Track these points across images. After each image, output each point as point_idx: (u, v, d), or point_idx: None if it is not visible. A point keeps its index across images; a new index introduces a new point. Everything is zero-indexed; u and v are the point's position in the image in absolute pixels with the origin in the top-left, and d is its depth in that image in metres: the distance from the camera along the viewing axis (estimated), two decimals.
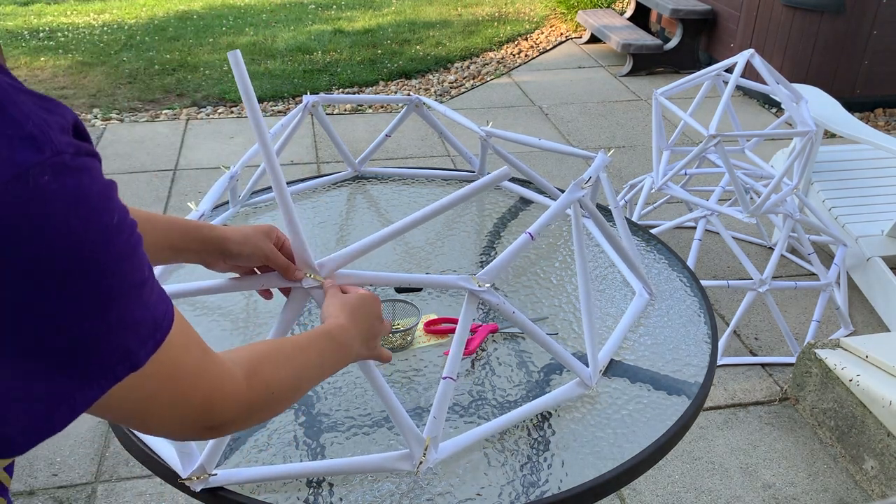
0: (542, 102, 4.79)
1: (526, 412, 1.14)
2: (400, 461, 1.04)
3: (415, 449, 1.03)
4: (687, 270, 1.50)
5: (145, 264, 0.59)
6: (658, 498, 2.09)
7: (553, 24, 6.40)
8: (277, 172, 0.92)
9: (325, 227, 1.64)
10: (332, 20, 6.49)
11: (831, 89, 4.46)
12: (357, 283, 0.98)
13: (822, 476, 2.17)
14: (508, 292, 1.44)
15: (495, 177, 0.97)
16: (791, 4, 4.53)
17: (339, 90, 4.99)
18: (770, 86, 2.57)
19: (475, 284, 1.03)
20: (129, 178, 3.79)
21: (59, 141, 0.51)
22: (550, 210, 1.13)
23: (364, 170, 1.86)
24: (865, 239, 2.90)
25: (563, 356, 1.15)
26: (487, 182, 0.98)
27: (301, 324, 1.35)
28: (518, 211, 1.71)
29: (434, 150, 4.09)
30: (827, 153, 3.29)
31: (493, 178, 0.97)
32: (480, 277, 1.04)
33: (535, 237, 1.09)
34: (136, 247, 0.57)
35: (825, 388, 2.29)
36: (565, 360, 1.16)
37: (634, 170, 3.93)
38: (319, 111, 1.71)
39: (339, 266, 0.96)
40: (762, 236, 3.25)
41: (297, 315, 0.98)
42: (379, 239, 0.97)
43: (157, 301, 0.60)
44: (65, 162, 0.51)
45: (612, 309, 1.39)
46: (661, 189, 2.76)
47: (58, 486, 2.09)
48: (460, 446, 1.08)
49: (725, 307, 2.88)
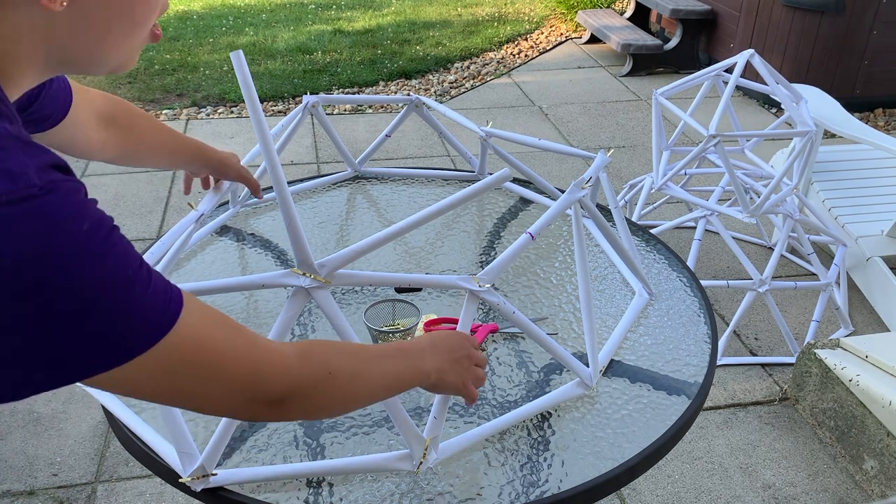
0: (542, 102, 4.80)
1: (526, 412, 1.14)
2: (400, 461, 1.04)
3: (415, 449, 1.03)
4: (687, 270, 1.50)
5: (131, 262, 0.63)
6: (658, 498, 2.09)
7: (553, 24, 6.40)
8: (279, 173, 0.92)
9: (325, 227, 1.64)
10: (332, 20, 6.49)
11: (831, 89, 4.46)
12: (357, 284, 0.98)
13: (822, 476, 2.17)
14: (508, 292, 1.44)
15: (496, 178, 0.97)
16: (791, 4, 4.53)
17: (339, 90, 4.99)
18: (770, 86, 2.57)
19: (475, 284, 1.03)
20: (129, 178, 3.79)
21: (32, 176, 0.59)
22: (551, 210, 1.13)
23: (364, 170, 1.86)
24: (865, 239, 2.90)
25: (563, 356, 1.15)
26: (488, 184, 0.99)
27: (301, 323, 1.35)
28: (518, 211, 1.71)
29: (434, 151, 4.09)
30: (827, 153, 3.29)
31: (493, 180, 0.98)
32: (481, 278, 1.04)
33: (536, 237, 1.09)
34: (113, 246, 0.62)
35: (825, 388, 2.30)
36: (565, 360, 1.16)
37: (634, 170, 3.93)
38: (319, 111, 1.71)
39: (339, 266, 0.96)
40: (762, 236, 3.25)
41: (298, 314, 0.98)
42: (379, 240, 0.97)
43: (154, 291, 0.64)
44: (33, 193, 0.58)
45: (611, 309, 1.39)
46: (661, 189, 2.76)
47: (58, 486, 2.10)
48: (460, 446, 1.08)
49: (725, 307, 2.88)
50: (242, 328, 0.73)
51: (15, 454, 2.20)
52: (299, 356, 0.76)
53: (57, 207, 0.59)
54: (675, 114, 2.61)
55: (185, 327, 0.66)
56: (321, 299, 0.96)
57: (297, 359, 0.76)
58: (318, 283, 0.95)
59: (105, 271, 0.60)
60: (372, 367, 0.84)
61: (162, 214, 3.44)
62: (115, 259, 0.62)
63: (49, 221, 0.58)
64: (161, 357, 0.65)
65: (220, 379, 0.69)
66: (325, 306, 0.97)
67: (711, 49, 5.35)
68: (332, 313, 0.97)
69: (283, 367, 0.74)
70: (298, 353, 0.76)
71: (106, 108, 1.19)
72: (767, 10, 4.74)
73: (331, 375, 0.78)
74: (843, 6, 4.37)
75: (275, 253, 1.55)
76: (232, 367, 0.70)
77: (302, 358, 0.76)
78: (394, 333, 1.26)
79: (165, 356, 0.65)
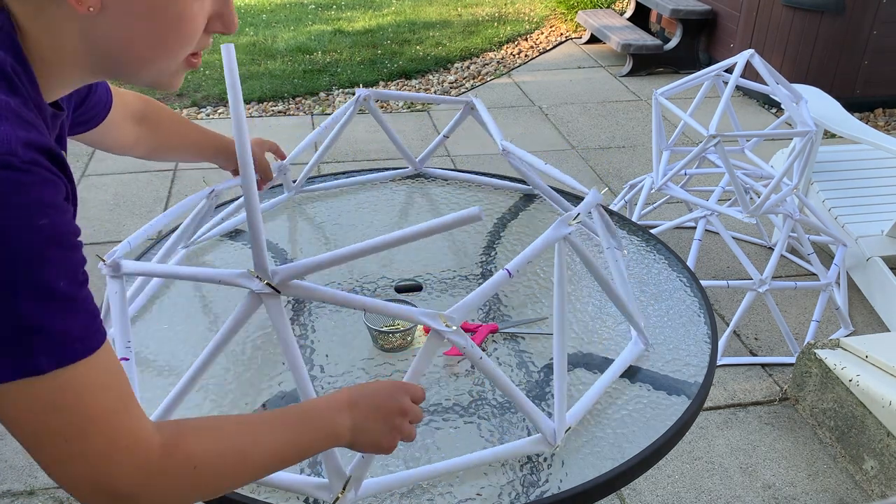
0: (541, 102, 4.80)
1: (473, 460, 1.06)
2: (318, 489, 1.00)
3: (334, 483, 0.98)
4: (687, 270, 1.50)
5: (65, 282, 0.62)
6: (658, 498, 2.09)
7: (553, 24, 6.40)
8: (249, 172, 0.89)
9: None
10: (332, 20, 6.49)
11: (831, 89, 4.45)
12: (309, 297, 0.93)
13: (822, 476, 2.17)
14: (509, 292, 1.44)
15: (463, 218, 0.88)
16: (791, 4, 4.53)
17: (339, 90, 4.99)
18: (770, 86, 2.57)
19: (442, 324, 0.94)
20: (130, 178, 3.79)
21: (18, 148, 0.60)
22: (532, 247, 1.05)
23: (425, 169, 1.87)
24: (865, 239, 2.90)
25: (529, 410, 1.06)
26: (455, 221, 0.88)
27: (300, 323, 1.35)
28: (518, 211, 1.71)
29: (436, 151, 4.09)
30: (827, 153, 3.29)
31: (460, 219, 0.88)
32: (449, 316, 0.94)
33: (513, 275, 1.01)
34: (57, 256, 0.61)
35: (825, 388, 2.30)
36: (530, 413, 1.06)
37: (634, 170, 3.93)
38: (371, 105, 1.68)
39: (292, 276, 0.90)
40: (762, 236, 3.25)
41: (248, 316, 0.95)
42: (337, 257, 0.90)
43: (72, 324, 0.62)
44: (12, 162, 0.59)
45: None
46: (660, 189, 2.76)
47: (58, 486, 2.09)
48: (387, 487, 1.02)
49: (725, 307, 2.88)
50: (130, 405, 0.67)
51: (15, 454, 2.20)
52: (164, 444, 0.69)
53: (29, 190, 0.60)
54: (675, 114, 2.61)
55: (79, 374, 0.63)
56: (270, 307, 0.92)
57: (159, 449, 0.69)
58: (269, 290, 0.91)
59: (33, 273, 0.60)
60: (258, 445, 0.77)
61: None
62: (51, 268, 0.61)
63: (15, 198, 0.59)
64: (37, 390, 0.62)
65: (76, 442, 0.64)
66: (273, 315, 0.92)
67: (711, 49, 5.35)
68: (278, 324, 0.93)
69: (138, 456, 0.67)
70: (164, 441, 0.69)
71: (138, 107, 1.26)
72: (767, 10, 4.74)
73: (195, 470, 0.71)
74: (843, 6, 4.37)
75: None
76: (91, 436, 0.64)
77: (166, 447, 0.69)
78: (394, 333, 1.26)
79: (42, 391, 0.62)
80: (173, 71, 0.75)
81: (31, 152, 0.61)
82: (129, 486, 0.66)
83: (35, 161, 0.61)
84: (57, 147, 0.66)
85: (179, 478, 0.70)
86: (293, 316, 1.37)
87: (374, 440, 0.87)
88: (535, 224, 1.66)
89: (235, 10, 0.77)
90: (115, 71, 0.73)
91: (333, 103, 4.79)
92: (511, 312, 1.38)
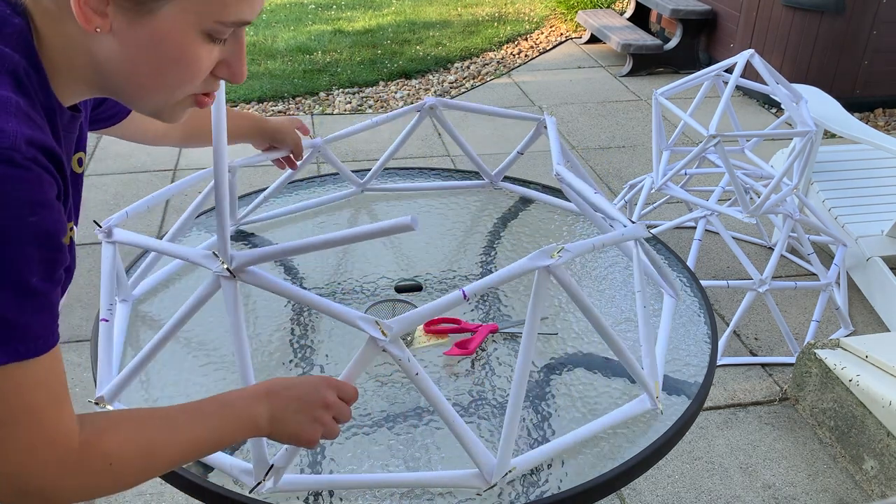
0: (542, 102, 4.80)
1: (396, 481, 1.02)
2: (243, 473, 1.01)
3: (257, 470, 0.99)
4: (687, 270, 1.50)
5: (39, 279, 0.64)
6: (658, 498, 2.09)
7: (553, 24, 6.40)
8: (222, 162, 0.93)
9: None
10: (332, 20, 6.49)
11: (831, 89, 4.46)
12: (262, 287, 0.94)
13: (822, 476, 2.17)
14: (509, 292, 1.44)
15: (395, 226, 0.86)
16: (791, 4, 4.53)
17: (339, 90, 4.99)
18: (770, 86, 2.57)
19: (379, 332, 0.90)
20: (130, 178, 3.79)
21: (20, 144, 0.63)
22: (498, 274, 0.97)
23: (500, 183, 1.80)
24: (865, 239, 2.90)
25: (466, 439, 0.99)
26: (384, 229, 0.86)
27: (300, 323, 1.35)
28: (518, 211, 1.71)
29: (434, 151, 4.10)
30: (827, 153, 3.29)
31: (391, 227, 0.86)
32: (387, 325, 0.91)
33: (469, 298, 0.95)
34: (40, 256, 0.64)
35: (825, 388, 2.30)
36: (467, 444, 0.99)
37: (634, 170, 3.93)
38: (439, 114, 1.67)
39: (249, 263, 0.93)
40: (762, 236, 3.25)
41: (208, 297, 0.99)
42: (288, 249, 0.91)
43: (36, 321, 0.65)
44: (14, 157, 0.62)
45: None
46: (660, 189, 2.76)
47: None
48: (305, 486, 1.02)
49: (725, 307, 2.89)
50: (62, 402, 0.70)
51: None
52: (83, 443, 0.72)
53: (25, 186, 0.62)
54: (675, 114, 2.61)
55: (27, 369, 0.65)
56: (226, 290, 0.95)
57: (78, 448, 0.71)
58: (226, 273, 0.94)
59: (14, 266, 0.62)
60: (175, 436, 0.78)
61: (162, 214, 3.44)
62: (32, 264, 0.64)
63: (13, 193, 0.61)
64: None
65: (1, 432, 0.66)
66: (227, 298, 0.95)
67: (711, 49, 5.35)
68: (231, 308, 0.95)
69: (59, 453, 0.69)
70: (84, 440, 0.72)
71: None
72: (767, 10, 4.75)
73: (111, 467, 0.73)
74: (843, 6, 4.37)
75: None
76: (16, 427, 0.66)
77: (85, 445, 0.72)
78: None
79: None
80: (173, 105, 0.76)
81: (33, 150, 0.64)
82: (42, 478, 0.69)
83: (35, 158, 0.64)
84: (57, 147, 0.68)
85: (93, 474, 0.72)
86: (293, 316, 1.37)
87: (294, 431, 0.87)
88: (535, 224, 1.66)
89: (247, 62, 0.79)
90: (118, 93, 0.75)
91: (333, 103, 4.79)
92: (511, 312, 1.38)
